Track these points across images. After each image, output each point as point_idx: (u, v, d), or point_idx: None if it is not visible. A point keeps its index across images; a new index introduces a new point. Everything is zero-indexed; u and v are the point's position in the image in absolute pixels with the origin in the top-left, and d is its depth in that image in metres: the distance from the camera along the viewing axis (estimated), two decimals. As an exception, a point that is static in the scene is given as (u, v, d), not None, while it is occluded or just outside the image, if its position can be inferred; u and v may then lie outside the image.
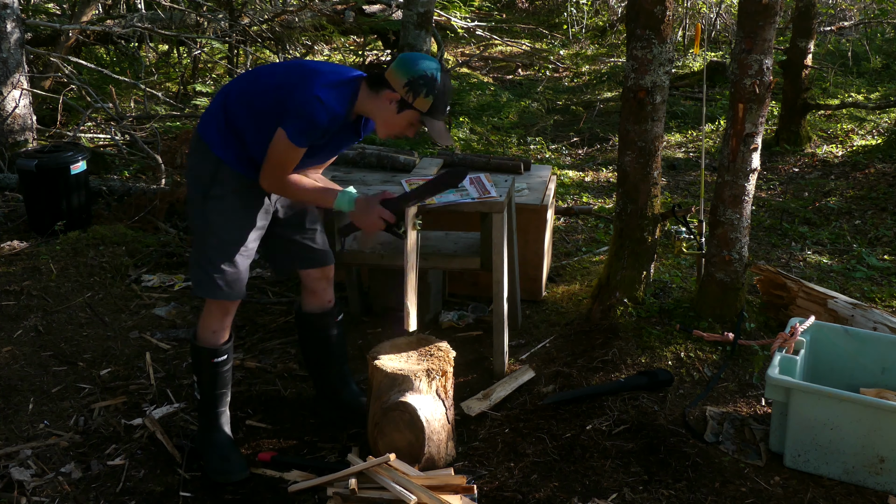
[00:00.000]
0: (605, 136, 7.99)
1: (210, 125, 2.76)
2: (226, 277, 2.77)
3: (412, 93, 2.64)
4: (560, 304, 4.18)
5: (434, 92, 2.65)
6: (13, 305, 3.96)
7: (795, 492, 2.70)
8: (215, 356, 2.86)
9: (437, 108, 2.68)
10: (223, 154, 2.74)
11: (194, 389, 2.93)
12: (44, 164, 4.85)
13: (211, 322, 2.85)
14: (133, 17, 8.63)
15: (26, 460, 2.92)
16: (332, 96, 2.62)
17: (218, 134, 2.74)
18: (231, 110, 2.74)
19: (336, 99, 2.63)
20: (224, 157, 2.74)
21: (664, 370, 3.33)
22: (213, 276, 2.76)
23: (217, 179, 2.74)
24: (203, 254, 2.79)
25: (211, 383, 2.89)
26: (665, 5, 3.52)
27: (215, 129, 2.75)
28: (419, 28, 6.80)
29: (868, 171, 6.41)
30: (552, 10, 14.16)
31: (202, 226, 2.79)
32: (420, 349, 2.93)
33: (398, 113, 2.68)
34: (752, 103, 3.35)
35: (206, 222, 2.77)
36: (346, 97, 2.67)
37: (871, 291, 4.24)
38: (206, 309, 2.87)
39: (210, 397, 2.90)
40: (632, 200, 3.74)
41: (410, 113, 2.68)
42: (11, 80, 5.94)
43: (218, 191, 2.75)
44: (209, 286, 2.78)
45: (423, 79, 2.63)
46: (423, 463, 2.75)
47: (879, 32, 10.69)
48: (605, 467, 2.83)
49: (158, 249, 4.67)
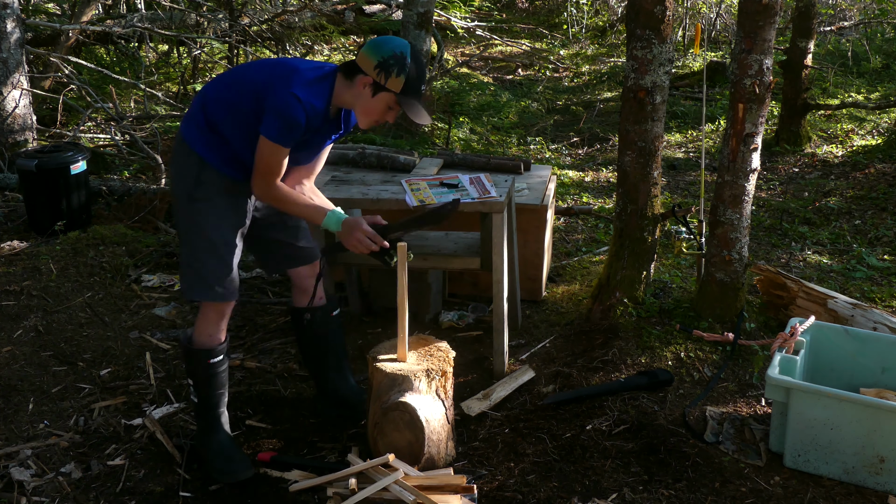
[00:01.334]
0: (605, 136, 7.99)
1: (191, 126, 2.75)
2: (219, 278, 2.76)
3: (383, 73, 2.63)
4: (560, 304, 4.18)
5: (406, 70, 2.63)
6: (13, 305, 3.96)
7: (795, 492, 2.70)
8: (211, 356, 2.83)
9: (410, 87, 2.66)
10: (206, 154, 2.72)
11: (190, 394, 2.91)
12: (44, 164, 4.85)
13: (207, 326, 2.83)
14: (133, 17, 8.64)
15: (26, 460, 2.92)
16: (309, 93, 2.61)
17: (199, 134, 2.73)
18: (210, 110, 2.73)
19: (313, 95, 2.62)
20: (207, 157, 2.72)
21: (664, 370, 3.33)
22: (206, 277, 2.75)
23: (201, 181, 2.73)
24: (194, 256, 2.77)
25: (208, 385, 2.86)
26: (665, 5, 3.52)
27: (196, 130, 2.74)
28: (419, 28, 6.80)
29: (868, 171, 6.41)
30: (552, 10, 14.15)
31: (190, 228, 2.77)
32: (420, 349, 2.93)
33: (373, 97, 2.67)
34: (752, 103, 3.35)
35: (194, 224, 2.76)
36: (324, 91, 2.67)
37: (871, 291, 4.24)
38: (201, 312, 2.84)
39: (208, 399, 2.88)
40: (632, 200, 3.74)
41: (385, 95, 2.67)
42: (11, 80, 5.94)
43: (203, 192, 2.73)
44: (203, 289, 2.76)
45: (394, 58, 2.62)
46: (422, 463, 2.75)
47: (879, 32, 10.69)
48: (605, 467, 2.84)
49: (158, 249, 4.67)
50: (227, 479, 2.82)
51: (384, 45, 2.65)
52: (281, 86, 2.60)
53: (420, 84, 2.69)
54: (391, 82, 2.64)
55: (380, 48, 2.64)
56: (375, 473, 2.61)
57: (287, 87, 2.59)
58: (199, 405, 2.90)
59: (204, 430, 2.93)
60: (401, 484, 2.54)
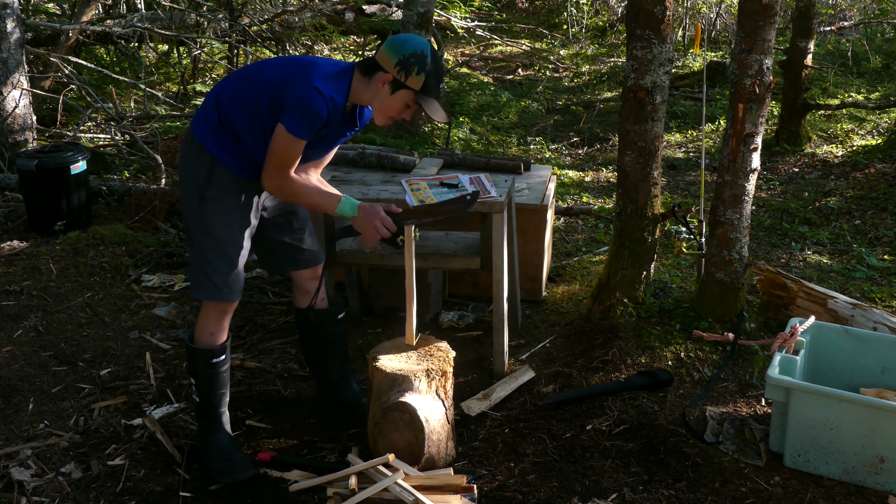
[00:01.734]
0: (605, 136, 7.99)
1: (203, 124, 2.75)
2: (225, 278, 2.76)
3: (404, 71, 2.63)
4: (560, 304, 4.18)
5: (426, 69, 2.64)
6: (13, 305, 3.96)
7: (795, 492, 2.70)
8: (213, 356, 2.84)
9: (430, 85, 2.67)
10: (218, 153, 2.72)
11: (191, 392, 2.91)
12: (44, 164, 4.85)
13: (208, 324, 2.83)
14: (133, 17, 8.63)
15: (26, 460, 2.92)
16: (330, 87, 2.61)
17: (212, 133, 2.73)
18: (224, 108, 2.72)
19: (335, 89, 2.62)
20: (219, 156, 2.72)
21: (664, 370, 3.33)
22: (212, 277, 2.75)
23: (213, 180, 2.73)
24: (201, 255, 2.77)
25: (210, 384, 2.86)
26: (665, 5, 3.52)
27: (209, 129, 2.73)
28: (419, 28, 6.79)
29: (868, 171, 6.41)
30: (552, 10, 14.16)
31: (199, 227, 2.77)
32: (420, 349, 2.93)
33: (392, 94, 2.67)
34: (752, 103, 3.35)
35: (204, 223, 2.75)
36: (343, 87, 2.67)
37: (871, 291, 4.24)
38: (203, 311, 2.85)
39: (209, 399, 2.88)
40: (632, 200, 3.74)
41: (405, 93, 2.67)
42: (11, 80, 5.94)
43: (214, 191, 2.73)
44: (207, 288, 2.77)
45: (414, 56, 2.63)
46: (422, 463, 2.75)
47: (879, 32, 10.69)
48: (605, 467, 2.84)
49: (158, 249, 4.67)
50: (227, 480, 2.82)
51: (405, 43, 2.65)
52: (301, 79, 2.60)
53: (438, 83, 2.70)
54: (411, 80, 2.64)
55: (401, 46, 2.64)
56: (375, 473, 2.61)
57: (308, 80, 2.59)
58: (200, 404, 2.90)
59: (204, 430, 2.92)
60: (401, 485, 2.54)
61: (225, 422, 2.93)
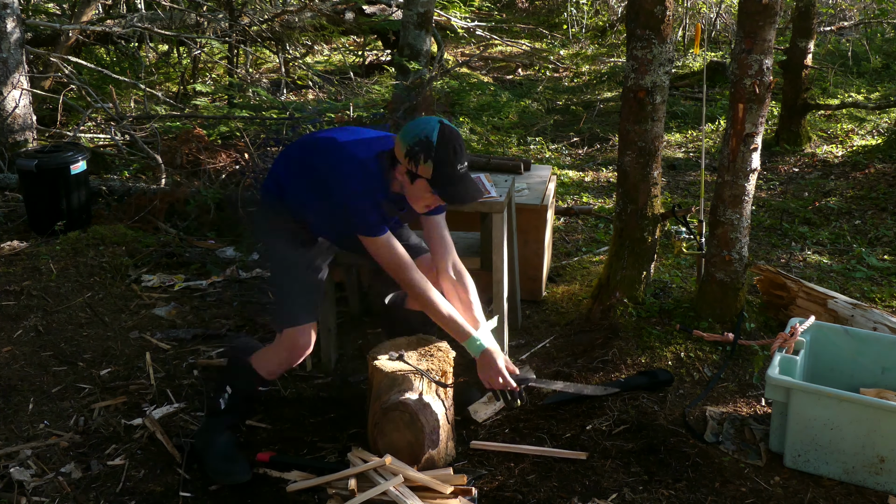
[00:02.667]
0: (605, 136, 7.99)
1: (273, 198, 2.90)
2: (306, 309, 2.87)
3: (413, 162, 2.59)
4: (560, 304, 4.18)
5: (432, 155, 2.56)
6: (13, 305, 3.96)
7: (795, 492, 2.70)
8: (264, 384, 2.94)
9: (440, 173, 2.58)
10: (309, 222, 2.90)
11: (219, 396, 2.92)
12: (44, 164, 4.85)
13: (277, 357, 2.88)
14: (133, 17, 8.64)
15: (26, 460, 2.92)
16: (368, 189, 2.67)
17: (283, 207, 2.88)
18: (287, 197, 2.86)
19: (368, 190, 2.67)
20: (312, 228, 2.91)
21: (664, 370, 3.33)
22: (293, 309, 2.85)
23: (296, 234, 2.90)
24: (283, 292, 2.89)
25: (246, 403, 2.98)
26: (665, 5, 3.52)
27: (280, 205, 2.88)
28: (419, 28, 6.80)
29: (868, 171, 6.41)
30: (552, 10, 14.16)
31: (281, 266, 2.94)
32: (420, 349, 2.93)
33: (412, 184, 2.64)
34: (752, 103, 3.35)
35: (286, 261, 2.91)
36: (377, 181, 2.69)
37: (871, 291, 4.24)
38: (279, 341, 2.89)
39: (234, 411, 2.94)
40: (632, 200, 3.74)
41: (421, 182, 2.62)
42: (11, 80, 5.94)
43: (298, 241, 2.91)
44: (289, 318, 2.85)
45: (419, 144, 2.57)
46: (422, 463, 2.74)
47: (879, 32, 10.68)
48: (605, 467, 2.83)
49: (158, 249, 4.67)
50: (224, 481, 2.81)
51: (411, 130, 2.61)
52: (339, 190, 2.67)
53: (453, 164, 2.60)
54: (421, 169, 2.59)
55: (407, 135, 2.61)
56: (375, 475, 2.61)
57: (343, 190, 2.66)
58: (224, 411, 2.92)
59: (210, 429, 2.92)
60: (399, 490, 2.54)
61: (233, 427, 2.96)
